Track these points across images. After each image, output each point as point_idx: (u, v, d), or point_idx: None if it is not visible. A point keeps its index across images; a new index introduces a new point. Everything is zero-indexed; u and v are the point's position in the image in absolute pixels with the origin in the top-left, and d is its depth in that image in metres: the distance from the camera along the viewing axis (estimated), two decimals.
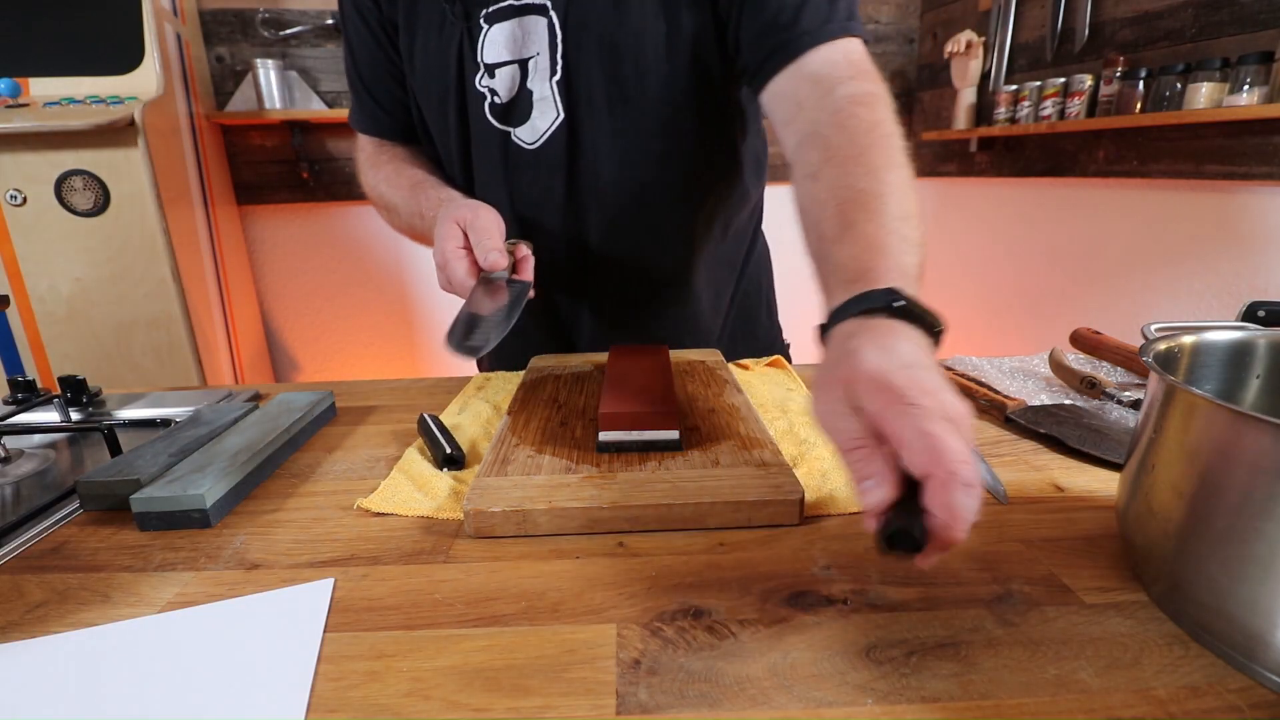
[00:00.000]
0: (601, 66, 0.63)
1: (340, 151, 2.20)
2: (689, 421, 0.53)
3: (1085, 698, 0.28)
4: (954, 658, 0.30)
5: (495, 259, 0.54)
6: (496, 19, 0.63)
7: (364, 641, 0.32)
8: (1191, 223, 1.57)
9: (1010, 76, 2.03)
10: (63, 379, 0.66)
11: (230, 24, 2.05)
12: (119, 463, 0.48)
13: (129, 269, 1.68)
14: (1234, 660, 0.29)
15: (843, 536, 0.40)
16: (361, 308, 2.38)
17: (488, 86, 0.65)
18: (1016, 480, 0.47)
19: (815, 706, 0.28)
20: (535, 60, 0.64)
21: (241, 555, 0.40)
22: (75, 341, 1.71)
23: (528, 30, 0.63)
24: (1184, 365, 0.38)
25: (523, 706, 0.28)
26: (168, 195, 1.68)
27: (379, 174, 0.74)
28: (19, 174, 1.56)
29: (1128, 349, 0.65)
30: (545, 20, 0.62)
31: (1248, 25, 1.39)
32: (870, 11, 2.38)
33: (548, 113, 0.65)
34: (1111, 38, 1.70)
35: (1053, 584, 0.35)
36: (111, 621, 0.34)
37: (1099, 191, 1.80)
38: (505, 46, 0.64)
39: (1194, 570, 0.30)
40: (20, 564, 0.40)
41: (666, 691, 0.29)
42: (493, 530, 0.41)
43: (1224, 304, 1.52)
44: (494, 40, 0.64)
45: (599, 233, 0.71)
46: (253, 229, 2.25)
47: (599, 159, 0.67)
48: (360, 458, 0.54)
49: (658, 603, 0.34)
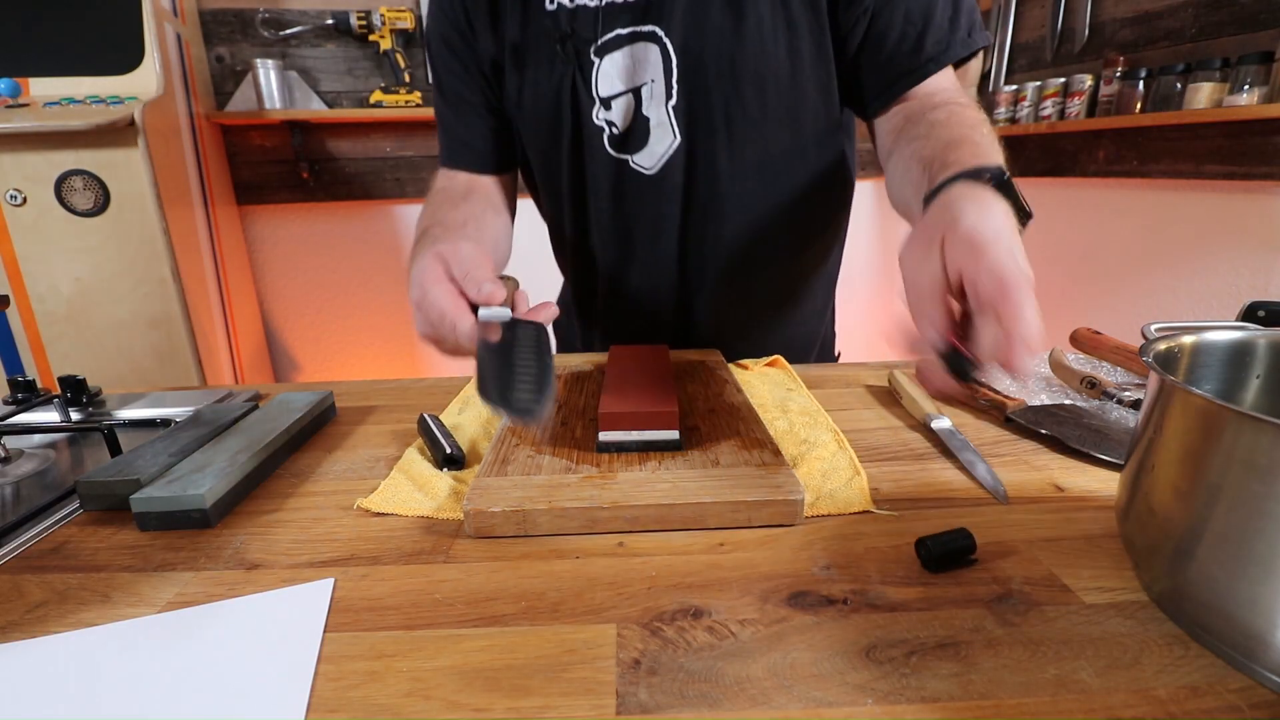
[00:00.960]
0: (721, 89, 0.63)
1: (340, 151, 2.20)
2: (689, 421, 0.53)
3: (1085, 698, 0.28)
4: (954, 658, 0.30)
5: (490, 290, 0.44)
6: (607, 50, 0.62)
7: (364, 641, 0.32)
8: (1191, 223, 1.57)
9: (1010, 76, 2.04)
10: (63, 379, 0.66)
11: (230, 24, 2.05)
12: (119, 463, 0.48)
13: (129, 269, 1.68)
14: (1234, 660, 0.29)
15: (843, 536, 0.40)
16: (361, 308, 2.38)
17: (605, 119, 0.65)
18: (1016, 480, 0.47)
19: (815, 706, 0.28)
20: (649, 87, 0.63)
21: (241, 555, 0.40)
22: (75, 341, 1.71)
23: (639, 58, 0.63)
24: (1184, 365, 0.38)
25: (523, 706, 0.28)
26: (168, 195, 1.68)
27: (423, 213, 0.67)
28: (19, 174, 1.56)
29: (1128, 349, 0.65)
30: (657, 46, 0.62)
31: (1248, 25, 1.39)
32: None
33: (665, 138, 0.66)
34: (1111, 38, 1.70)
35: (1053, 584, 0.35)
36: (111, 621, 0.34)
37: (1099, 191, 1.80)
38: (619, 77, 0.64)
39: (1194, 570, 0.30)
40: (20, 564, 0.40)
41: (666, 691, 0.29)
42: (493, 530, 0.41)
43: (1224, 304, 1.52)
44: (607, 73, 0.63)
45: (714, 253, 0.71)
46: (253, 229, 2.25)
47: (717, 179, 0.67)
48: (360, 458, 0.54)
49: (658, 603, 0.34)
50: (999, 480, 0.46)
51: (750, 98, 0.63)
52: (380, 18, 2.01)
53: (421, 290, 0.45)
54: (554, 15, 0.62)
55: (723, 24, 0.60)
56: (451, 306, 0.43)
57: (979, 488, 0.46)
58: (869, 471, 0.48)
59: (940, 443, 0.53)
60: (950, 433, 0.53)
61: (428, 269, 0.45)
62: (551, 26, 0.63)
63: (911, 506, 0.44)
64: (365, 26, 2.02)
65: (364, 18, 2.01)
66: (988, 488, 0.46)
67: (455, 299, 0.44)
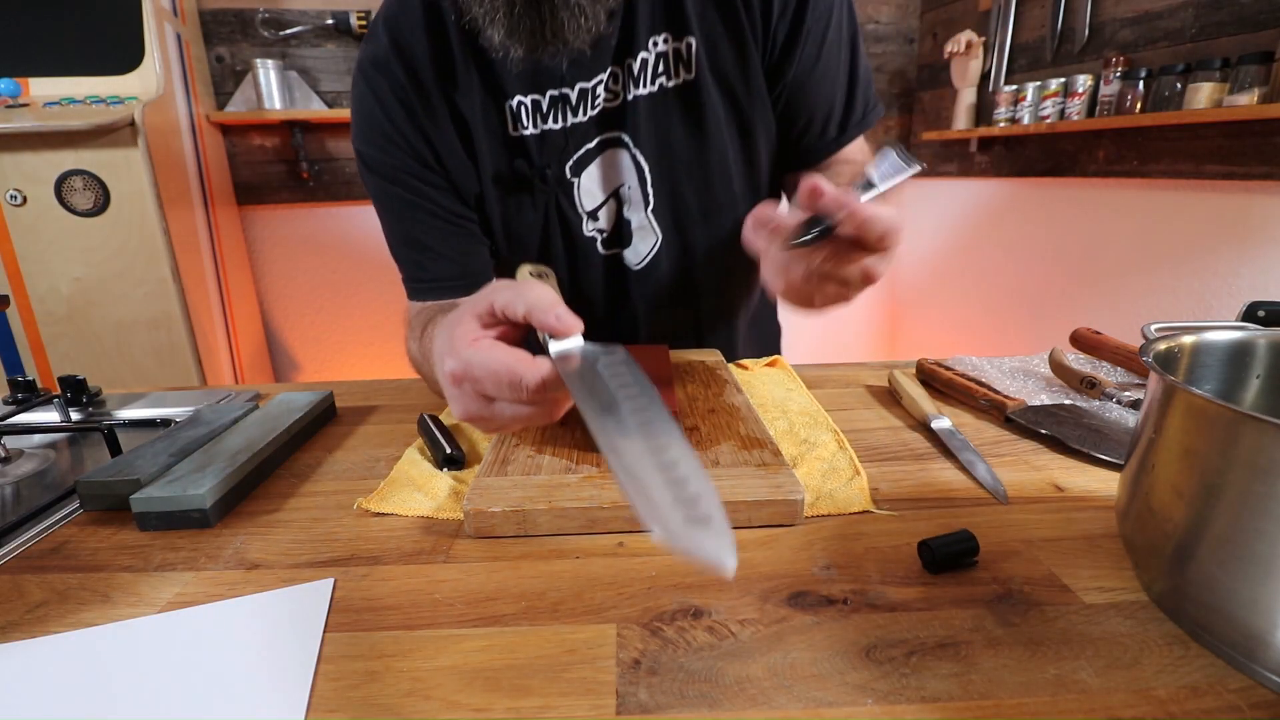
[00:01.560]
0: (692, 188, 0.67)
1: (340, 151, 2.20)
2: (689, 421, 0.53)
3: (1085, 698, 0.28)
4: (954, 658, 0.30)
5: (567, 318, 0.32)
6: (582, 166, 0.64)
7: (364, 641, 0.32)
8: (1191, 223, 1.57)
9: (1010, 76, 2.03)
10: (63, 379, 0.66)
11: (230, 24, 2.05)
12: (119, 463, 0.48)
13: (129, 269, 1.68)
14: (1234, 660, 0.29)
15: (843, 536, 0.40)
16: (361, 308, 2.38)
17: (595, 229, 0.69)
18: (1016, 480, 0.47)
19: (815, 706, 0.28)
20: (624, 189, 0.67)
21: (241, 555, 0.40)
22: (75, 341, 1.71)
23: (611, 163, 0.65)
24: (1184, 365, 0.38)
25: (523, 706, 0.28)
26: (168, 195, 1.68)
27: (411, 330, 0.62)
28: (19, 174, 1.56)
29: (1128, 349, 0.65)
30: (625, 151, 0.64)
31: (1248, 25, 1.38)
32: (870, 11, 2.38)
33: (647, 237, 0.70)
34: (1111, 38, 1.70)
35: (1053, 584, 0.35)
36: (111, 621, 0.34)
37: (1099, 191, 1.80)
38: (598, 187, 0.66)
39: (1194, 570, 0.30)
40: (20, 564, 0.40)
41: (666, 691, 0.29)
42: (493, 530, 0.41)
43: (1224, 304, 1.52)
44: (588, 188, 0.66)
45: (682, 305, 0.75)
46: (253, 229, 2.25)
47: (694, 267, 0.72)
48: (360, 458, 0.54)
49: (658, 603, 0.34)
50: (999, 480, 0.46)
51: (720, 187, 0.68)
52: None
53: (459, 360, 0.33)
54: (521, 143, 0.63)
55: (685, 128, 0.63)
56: (510, 357, 0.32)
57: (979, 488, 0.46)
58: (869, 471, 0.48)
59: (940, 443, 0.53)
60: (950, 433, 0.53)
61: (460, 331, 0.34)
62: (524, 163, 0.63)
63: (911, 506, 0.44)
64: (365, 26, 2.01)
65: (364, 18, 2.01)
66: (988, 488, 0.46)
67: (508, 350, 0.32)
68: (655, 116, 0.63)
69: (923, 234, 2.54)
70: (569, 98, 0.61)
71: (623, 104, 0.62)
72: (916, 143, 2.49)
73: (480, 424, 0.35)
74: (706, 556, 0.20)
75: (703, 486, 0.23)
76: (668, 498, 0.22)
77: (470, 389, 0.33)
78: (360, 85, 0.61)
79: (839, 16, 0.61)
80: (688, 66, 0.61)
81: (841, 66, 0.63)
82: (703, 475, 0.24)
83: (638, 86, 0.61)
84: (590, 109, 0.62)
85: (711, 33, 0.60)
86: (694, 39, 0.59)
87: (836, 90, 0.64)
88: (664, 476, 0.23)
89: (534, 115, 0.61)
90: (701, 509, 0.22)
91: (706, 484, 0.23)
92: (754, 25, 0.60)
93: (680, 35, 0.59)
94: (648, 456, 0.25)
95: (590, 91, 0.61)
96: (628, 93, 0.61)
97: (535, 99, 0.61)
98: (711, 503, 0.22)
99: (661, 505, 0.22)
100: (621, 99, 0.61)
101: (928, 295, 2.57)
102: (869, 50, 2.42)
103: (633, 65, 0.60)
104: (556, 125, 0.62)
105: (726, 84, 0.62)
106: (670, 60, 0.60)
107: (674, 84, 0.61)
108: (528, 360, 0.31)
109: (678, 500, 0.22)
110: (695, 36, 0.59)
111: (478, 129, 0.62)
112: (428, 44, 0.59)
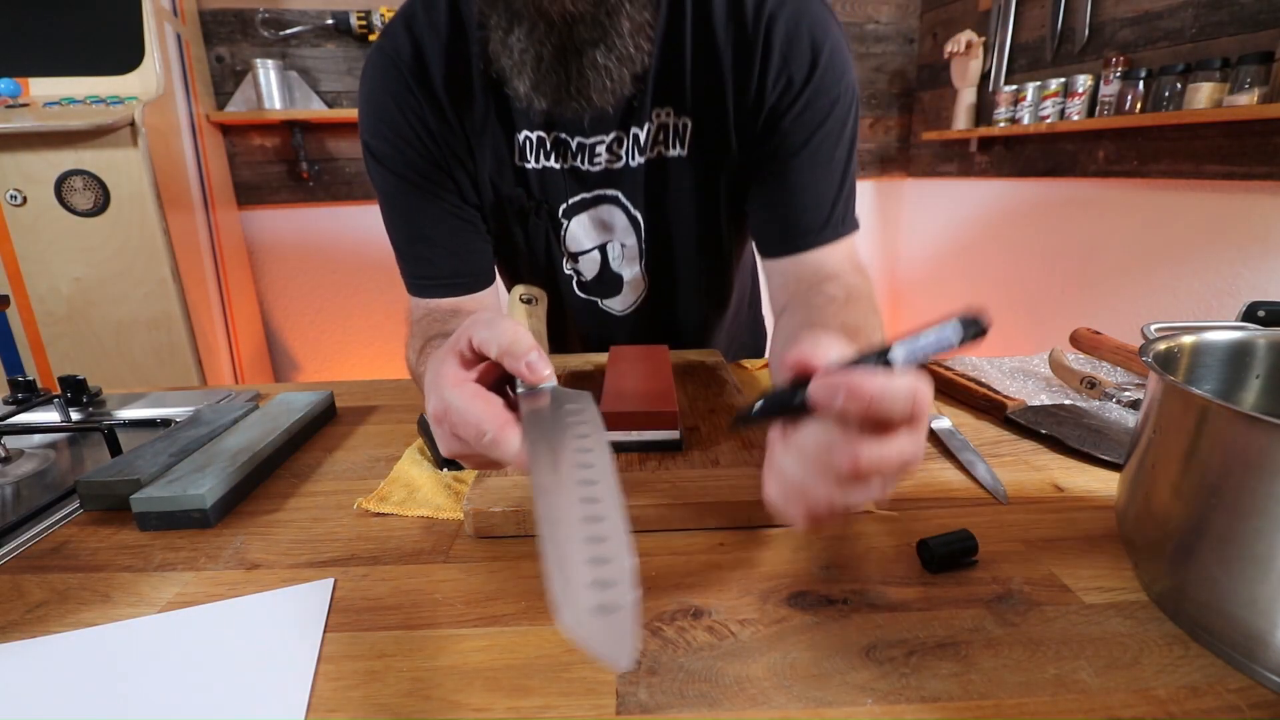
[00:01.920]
0: (684, 243, 0.69)
1: (340, 151, 2.20)
2: (689, 421, 0.53)
3: (1085, 698, 0.28)
4: (954, 658, 0.30)
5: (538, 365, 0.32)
6: (574, 213, 0.66)
7: (364, 641, 0.32)
8: (1191, 223, 1.57)
9: (1010, 76, 2.03)
10: (63, 379, 0.66)
11: (230, 24, 2.05)
12: (119, 463, 0.48)
13: (129, 269, 1.68)
14: (1234, 660, 0.29)
15: (843, 536, 0.40)
16: (361, 308, 2.38)
17: (573, 269, 0.71)
18: (1016, 480, 0.47)
19: (815, 706, 0.28)
20: (613, 245, 0.69)
21: (241, 555, 0.40)
22: (75, 341, 1.71)
23: (603, 219, 0.67)
24: (1184, 365, 0.38)
25: (523, 706, 0.28)
26: (168, 195, 1.68)
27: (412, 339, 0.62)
28: (19, 174, 1.56)
29: (1127, 349, 0.65)
30: (620, 209, 0.66)
31: (1248, 25, 1.38)
32: (870, 11, 2.38)
33: (637, 288, 0.73)
34: (1111, 38, 1.70)
35: (1053, 584, 0.35)
36: (112, 621, 0.34)
37: (1099, 191, 1.80)
38: (585, 237, 0.68)
39: (1194, 570, 0.30)
40: (20, 564, 0.40)
41: (666, 691, 0.29)
42: (493, 530, 0.41)
43: (1224, 304, 1.52)
44: (574, 234, 0.67)
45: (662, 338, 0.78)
46: (253, 229, 2.25)
47: (679, 309, 0.75)
48: (360, 458, 0.54)
49: (658, 603, 0.34)
50: (999, 480, 0.46)
51: (709, 246, 0.70)
52: (380, 18, 2.01)
53: (441, 400, 0.33)
54: (523, 175, 0.64)
55: (680, 196, 0.65)
56: (483, 413, 0.32)
57: (979, 488, 0.46)
58: None
59: (940, 443, 0.53)
60: (950, 433, 0.53)
61: (444, 370, 0.34)
62: (523, 193, 0.64)
63: (911, 506, 0.44)
64: (365, 26, 2.02)
65: (364, 18, 2.01)
66: (988, 488, 0.46)
67: (485, 402, 0.33)
68: (653, 182, 0.64)
69: (922, 234, 2.54)
70: (570, 145, 0.62)
71: (624, 168, 0.63)
72: (916, 142, 2.49)
73: (461, 459, 0.36)
74: (600, 652, 0.20)
75: (623, 570, 0.22)
76: (585, 577, 0.22)
77: (449, 429, 0.34)
78: (375, 79, 0.60)
79: (841, 113, 0.59)
80: (683, 143, 0.62)
81: (836, 164, 0.60)
82: (627, 554, 0.23)
83: (641, 154, 0.62)
84: (590, 163, 0.63)
85: (706, 114, 0.60)
86: (689, 120, 0.61)
87: (821, 185, 0.60)
88: (589, 551, 0.23)
89: (538, 151, 0.62)
90: (611, 595, 0.21)
91: (627, 564, 0.22)
92: (747, 104, 0.59)
93: (679, 113, 0.61)
94: (579, 525, 0.24)
95: (591, 149, 0.62)
96: (630, 159, 0.62)
97: (541, 136, 0.61)
98: (626, 590, 0.21)
99: (575, 584, 0.22)
100: (624, 162, 0.63)
101: (927, 295, 2.57)
102: (869, 50, 2.42)
103: (638, 134, 0.61)
104: (557, 165, 0.63)
105: (719, 162, 0.63)
106: (670, 132, 0.61)
107: (673, 155, 0.62)
108: (497, 419, 0.31)
109: (595, 582, 0.22)
110: (690, 117, 0.60)
111: (485, 151, 0.62)
112: (444, 58, 0.59)
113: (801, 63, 0.57)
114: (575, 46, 0.50)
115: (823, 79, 0.57)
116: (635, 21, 0.51)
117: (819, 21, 0.57)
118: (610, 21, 0.50)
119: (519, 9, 0.49)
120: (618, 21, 0.50)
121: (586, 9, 0.48)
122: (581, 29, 0.49)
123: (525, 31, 0.49)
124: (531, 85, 0.52)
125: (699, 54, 0.58)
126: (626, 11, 0.51)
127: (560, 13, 0.48)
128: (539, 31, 0.49)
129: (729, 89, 0.58)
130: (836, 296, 0.55)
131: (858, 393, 0.26)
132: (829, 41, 0.57)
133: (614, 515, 0.24)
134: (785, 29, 0.56)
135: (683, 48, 0.58)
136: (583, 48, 0.50)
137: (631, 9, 0.51)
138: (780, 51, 0.57)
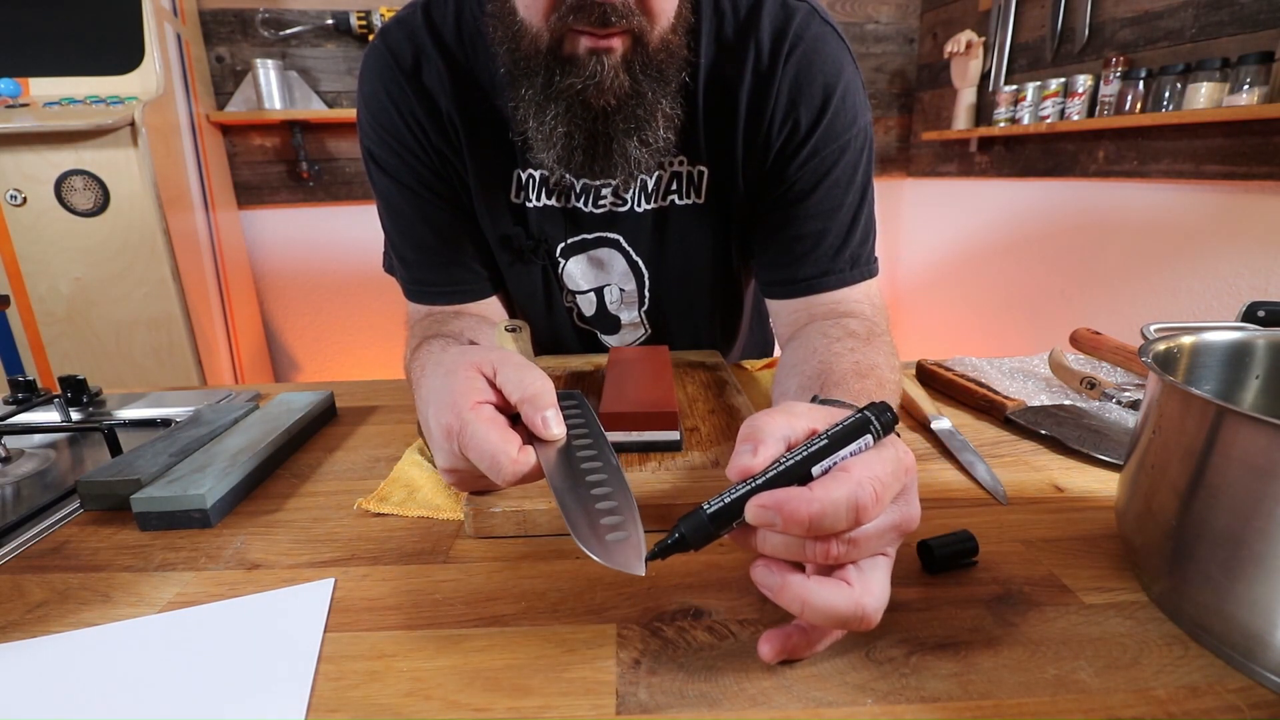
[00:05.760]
0: (683, 288, 0.69)
1: (340, 151, 2.20)
2: (689, 422, 0.53)
3: (1085, 698, 0.28)
4: (954, 658, 0.30)
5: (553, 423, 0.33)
6: (572, 253, 0.66)
7: (364, 641, 0.32)
8: (1191, 223, 1.57)
9: (1010, 76, 2.03)
10: (63, 379, 0.66)
11: (230, 24, 2.05)
12: (119, 463, 0.48)
13: (129, 269, 1.68)
14: (1234, 660, 0.29)
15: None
16: (361, 308, 2.38)
17: (571, 304, 0.72)
18: (1016, 480, 0.47)
19: (815, 706, 0.28)
20: (610, 290, 0.69)
21: (242, 555, 0.40)
22: (75, 341, 1.71)
23: (602, 261, 0.66)
24: (1183, 365, 0.38)
25: (523, 706, 0.28)
26: (168, 195, 1.68)
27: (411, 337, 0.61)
28: (19, 174, 1.56)
29: (1127, 349, 0.65)
30: (620, 253, 0.66)
31: (1248, 25, 1.39)
32: (870, 11, 2.38)
33: (635, 330, 0.74)
34: (1111, 38, 1.70)
35: (1053, 584, 0.35)
36: (112, 621, 0.34)
37: (1099, 191, 1.80)
38: (582, 278, 0.68)
39: (1193, 570, 0.30)
40: (21, 564, 0.40)
41: (666, 691, 0.29)
42: (493, 530, 0.41)
43: (1224, 304, 1.52)
44: (571, 274, 0.68)
45: None
46: (253, 229, 2.25)
47: (673, 339, 0.74)
48: (360, 458, 0.54)
49: (658, 603, 0.34)
50: (999, 481, 0.46)
51: (706, 286, 0.70)
52: (380, 18, 2.01)
53: (458, 418, 0.33)
54: (522, 211, 0.63)
55: (686, 244, 0.64)
56: (499, 445, 0.32)
57: (979, 488, 0.46)
58: None
59: (940, 443, 0.53)
60: (950, 433, 0.53)
61: (460, 385, 0.34)
62: (522, 232, 0.64)
63: None
64: (365, 26, 2.02)
65: (364, 18, 2.01)
66: (987, 488, 0.46)
67: (501, 433, 0.32)
68: (660, 229, 0.64)
69: (922, 234, 2.54)
70: (575, 185, 0.61)
71: (628, 212, 0.62)
72: (916, 142, 2.49)
73: (453, 478, 0.37)
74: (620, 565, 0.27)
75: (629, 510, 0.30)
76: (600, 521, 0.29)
77: (457, 448, 0.33)
78: (375, 84, 0.58)
79: (851, 160, 0.57)
80: (698, 192, 0.61)
81: (845, 210, 0.58)
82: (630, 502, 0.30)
83: (648, 200, 0.62)
84: (594, 205, 0.62)
85: (721, 161, 0.59)
86: (705, 168, 0.60)
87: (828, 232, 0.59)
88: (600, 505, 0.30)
89: (540, 189, 0.62)
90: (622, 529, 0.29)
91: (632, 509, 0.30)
92: (756, 146, 0.58)
93: (694, 161, 0.60)
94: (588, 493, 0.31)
95: (596, 190, 0.61)
96: (636, 204, 0.62)
97: (544, 174, 0.61)
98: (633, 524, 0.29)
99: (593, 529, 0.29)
100: (629, 207, 0.62)
101: (927, 295, 2.57)
102: (868, 50, 2.42)
103: (646, 180, 0.61)
104: (558, 204, 0.62)
105: (732, 210, 0.62)
106: (683, 180, 0.61)
107: (685, 203, 0.62)
108: (511, 454, 0.32)
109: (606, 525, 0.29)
110: (706, 166, 0.60)
111: (484, 184, 0.61)
112: (450, 79, 0.57)
113: (810, 107, 0.55)
114: (609, 134, 0.51)
115: (831, 125, 0.56)
116: (668, 115, 0.52)
117: (832, 61, 0.55)
118: (647, 114, 0.51)
119: (558, 91, 0.49)
120: (654, 116, 0.51)
121: (626, 102, 0.49)
122: (619, 120, 0.50)
123: (561, 110, 0.50)
124: (558, 160, 0.52)
125: (712, 100, 0.57)
126: (663, 107, 0.51)
127: (601, 104, 0.49)
128: (575, 114, 0.50)
129: (739, 131, 0.57)
130: (857, 332, 0.53)
131: (794, 519, 0.26)
132: (841, 84, 0.55)
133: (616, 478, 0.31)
134: (796, 70, 0.55)
135: (696, 95, 0.57)
136: (616, 135, 0.51)
137: (667, 103, 0.52)
138: (789, 95, 0.55)
